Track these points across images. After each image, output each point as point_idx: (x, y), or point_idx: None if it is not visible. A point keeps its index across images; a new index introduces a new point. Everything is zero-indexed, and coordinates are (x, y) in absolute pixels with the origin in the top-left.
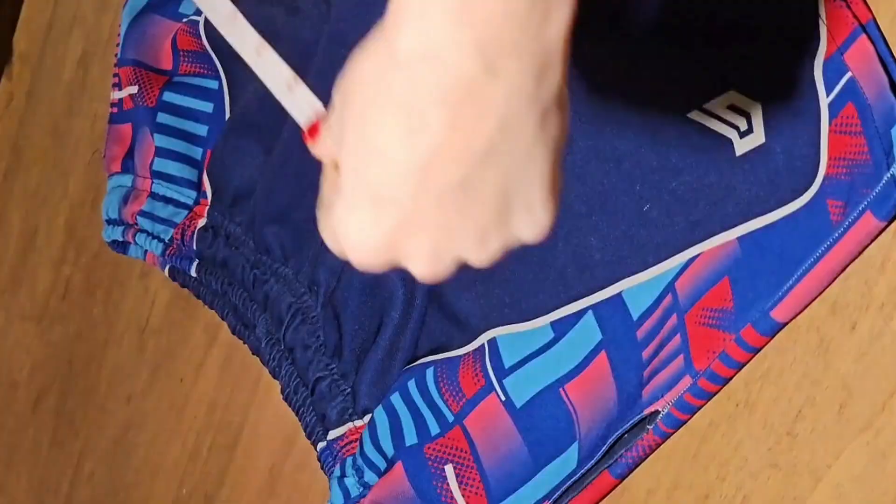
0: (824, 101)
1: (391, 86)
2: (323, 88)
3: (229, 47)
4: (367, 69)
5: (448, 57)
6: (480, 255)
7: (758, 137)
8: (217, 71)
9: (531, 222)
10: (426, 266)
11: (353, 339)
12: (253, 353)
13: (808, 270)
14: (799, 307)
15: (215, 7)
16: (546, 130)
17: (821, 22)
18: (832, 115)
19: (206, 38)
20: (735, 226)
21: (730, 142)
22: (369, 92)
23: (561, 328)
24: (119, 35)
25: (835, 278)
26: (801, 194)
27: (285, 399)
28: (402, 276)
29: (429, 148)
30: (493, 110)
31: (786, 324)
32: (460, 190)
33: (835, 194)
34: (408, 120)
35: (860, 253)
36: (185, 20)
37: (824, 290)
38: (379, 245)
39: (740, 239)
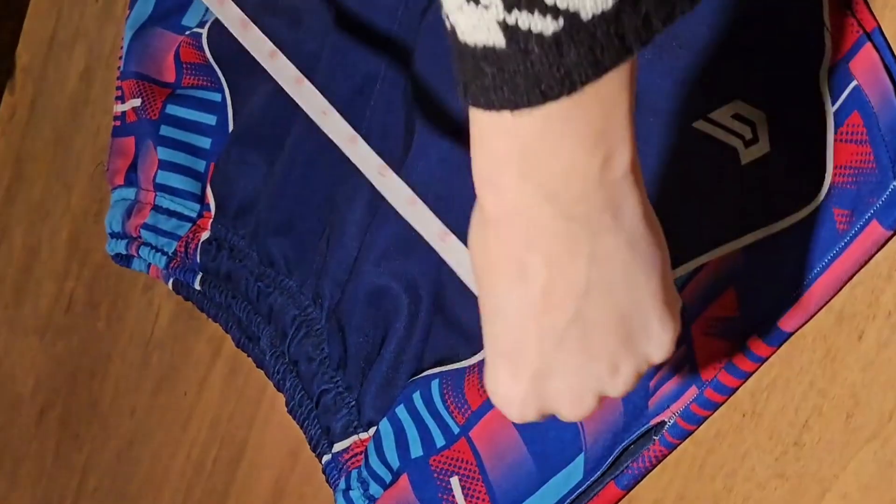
0: (829, 109)
1: (489, 245)
2: (326, 99)
3: (232, 59)
4: (472, 234)
5: (526, 211)
6: (617, 385)
7: (763, 147)
8: (220, 83)
9: (655, 342)
10: (571, 408)
11: (358, 352)
12: (257, 366)
13: (814, 280)
14: (805, 317)
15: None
16: (639, 253)
17: (826, 30)
18: (837, 124)
19: (209, 50)
20: (740, 235)
21: (735, 151)
22: (477, 254)
23: None
24: (122, 48)
25: (841, 287)
26: (807, 203)
27: (290, 412)
28: (405, 287)
29: (535, 294)
30: (580, 248)
31: (792, 333)
32: (576, 327)
33: (841, 203)
34: (509, 273)
35: (867, 262)
36: (188, 33)
37: (831, 299)
38: (523, 398)
39: (746, 249)
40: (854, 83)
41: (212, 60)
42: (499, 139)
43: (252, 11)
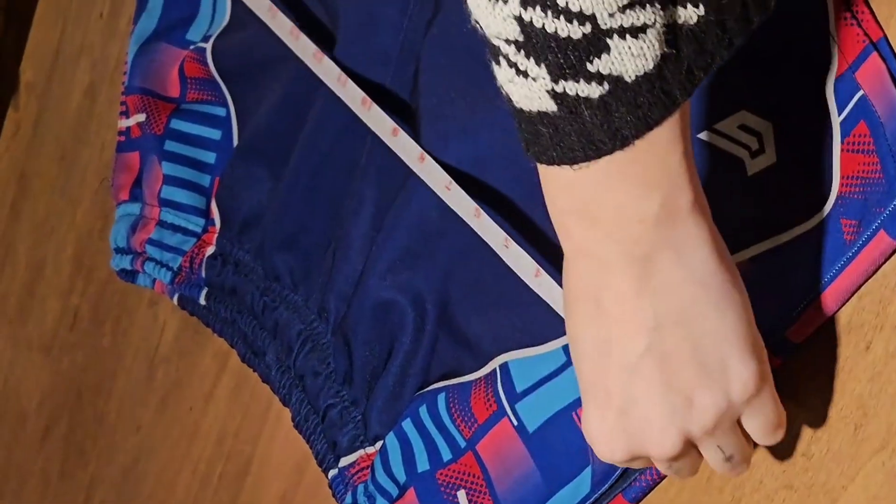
0: (836, 119)
1: (570, 283)
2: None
3: (237, 74)
4: (563, 275)
5: (594, 251)
6: (697, 419)
7: (769, 157)
8: (224, 98)
9: (734, 378)
10: (656, 443)
11: (364, 366)
12: (263, 381)
13: (821, 290)
14: (813, 327)
15: None
16: (710, 289)
17: (832, 40)
18: (844, 134)
19: (214, 64)
20: (747, 246)
21: (741, 162)
22: (565, 293)
23: None
24: (126, 63)
25: (849, 298)
26: (814, 214)
27: (296, 427)
28: (412, 300)
29: (608, 329)
30: (647, 284)
31: (800, 344)
32: (650, 359)
33: (848, 213)
34: (587, 310)
35: (874, 272)
36: (192, 47)
37: (838, 310)
38: (609, 434)
39: (752, 259)
40: (860, 93)
41: (216, 75)
42: (562, 191)
43: None
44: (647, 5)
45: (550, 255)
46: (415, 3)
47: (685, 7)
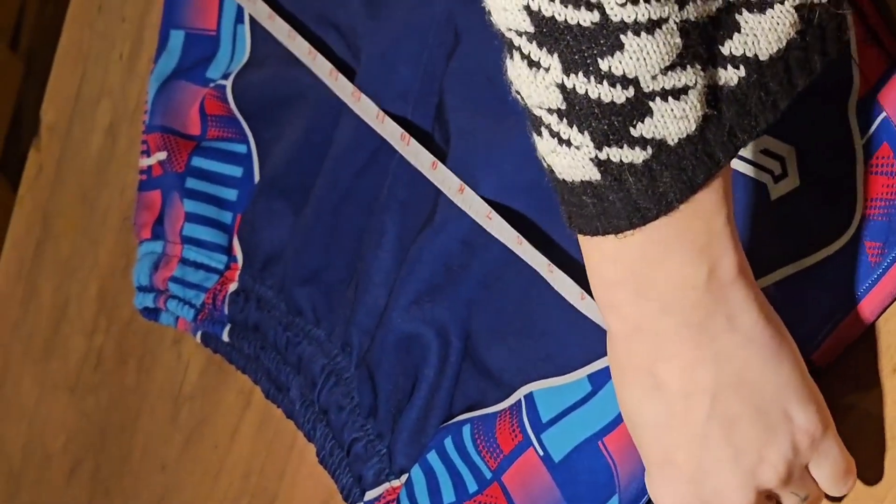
0: (859, 142)
1: (621, 360)
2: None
3: (257, 111)
4: (609, 353)
5: (646, 325)
6: (769, 474)
7: (793, 181)
8: (245, 135)
9: (798, 426)
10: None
11: (389, 399)
12: (287, 417)
13: (846, 313)
14: (838, 350)
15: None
16: (762, 347)
17: (853, 63)
18: (867, 156)
19: (234, 101)
20: (772, 271)
21: (764, 187)
22: (613, 370)
23: (598, 380)
24: (147, 102)
25: (875, 320)
26: (839, 237)
27: (321, 462)
28: (436, 333)
29: (670, 401)
30: (703, 352)
31: (825, 367)
32: (716, 425)
33: (872, 236)
34: (644, 384)
35: None
36: (212, 85)
37: (864, 332)
38: (684, 501)
39: (777, 283)
40: (883, 115)
41: (237, 112)
42: (608, 264)
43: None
44: (689, 66)
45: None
46: (434, 37)
47: (726, 69)
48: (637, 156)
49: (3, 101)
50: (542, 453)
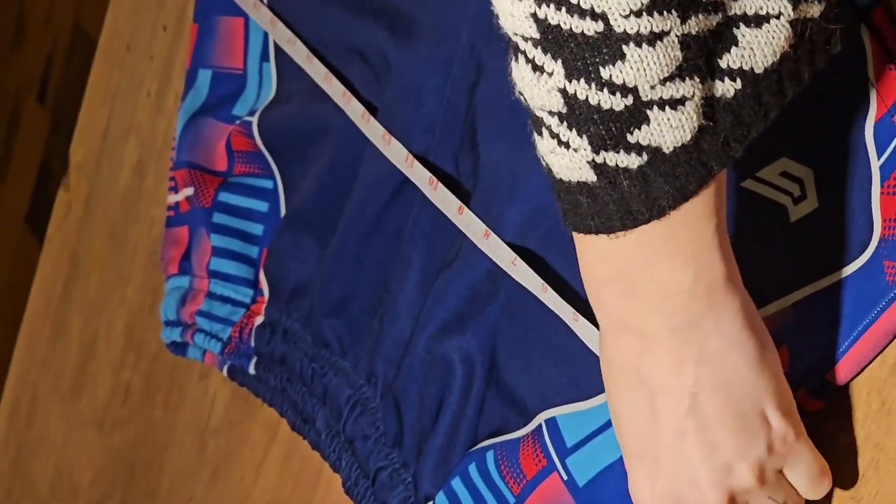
0: (875, 163)
1: (608, 355)
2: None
3: (283, 146)
4: (600, 349)
5: (632, 324)
6: (744, 476)
7: (812, 203)
8: (271, 170)
9: (773, 431)
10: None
11: (414, 428)
12: (313, 448)
13: (863, 332)
14: (855, 370)
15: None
16: (744, 354)
17: (870, 85)
18: (884, 177)
19: (260, 137)
20: (790, 292)
21: (784, 208)
22: (604, 365)
23: None
24: (174, 139)
25: (892, 339)
26: (857, 257)
27: (346, 491)
28: (461, 361)
29: (651, 397)
30: (686, 353)
31: (842, 387)
32: (693, 423)
33: (891, 255)
34: (628, 380)
35: None
36: (238, 122)
37: (882, 351)
38: (663, 501)
39: (796, 304)
40: None
41: (263, 148)
42: (599, 262)
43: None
44: (687, 78)
45: None
46: (458, 69)
47: (723, 81)
48: (632, 161)
49: (31, 155)
50: (566, 477)
